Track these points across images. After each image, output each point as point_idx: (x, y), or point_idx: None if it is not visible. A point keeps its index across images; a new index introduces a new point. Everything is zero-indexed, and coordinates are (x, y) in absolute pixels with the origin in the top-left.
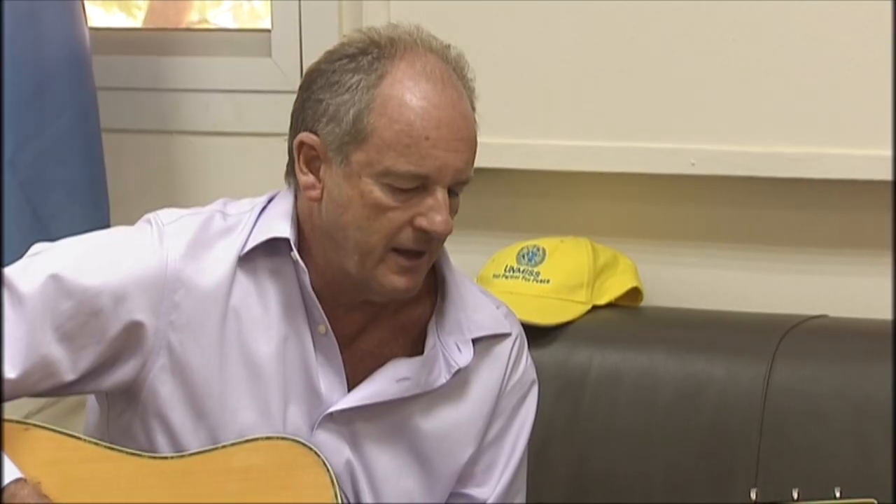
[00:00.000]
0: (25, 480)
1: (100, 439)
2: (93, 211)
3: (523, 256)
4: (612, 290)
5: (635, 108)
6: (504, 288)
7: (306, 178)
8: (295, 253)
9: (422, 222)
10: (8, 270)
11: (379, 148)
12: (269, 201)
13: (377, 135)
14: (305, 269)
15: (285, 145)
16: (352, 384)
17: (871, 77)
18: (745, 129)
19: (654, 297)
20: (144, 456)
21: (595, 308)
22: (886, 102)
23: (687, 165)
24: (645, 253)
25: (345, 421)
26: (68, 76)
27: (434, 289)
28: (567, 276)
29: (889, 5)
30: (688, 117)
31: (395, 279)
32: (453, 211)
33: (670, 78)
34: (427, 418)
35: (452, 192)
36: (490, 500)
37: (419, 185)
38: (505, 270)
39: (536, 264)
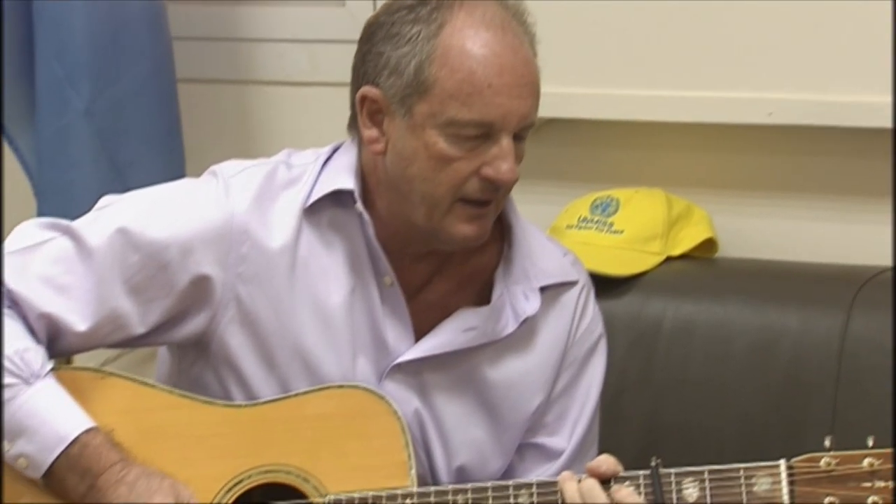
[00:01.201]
0: (98, 429)
1: (173, 388)
2: (168, 160)
3: (597, 207)
4: (686, 240)
5: (712, 57)
6: (577, 239)
7: (370, 132)
8: (360, 205)
9: (488, 172)
10: (77, 223)
11: (441, 99)
12: (334, 152)
13: (439, 85)
14: (370, 222)
15: None
16: (419, 335)
17: None
18: (823, 79)
19: (729, 248)
20: (218, 404)
21: (669, 259)
22: None
23: (764, 115)
24: (720, 203)
25: (412, 371)
26: (144, 25)
27: (500, 237)
28: (641, 227)
29: None
30: (765, 66)
31: (463, 228)
32: (519, 158)
33: (748, 26)
34: (494, 367)
35: (518, 139)
36: (566, 451)
37: (483, 134)
38: (578, 221)
39: (610, 215)
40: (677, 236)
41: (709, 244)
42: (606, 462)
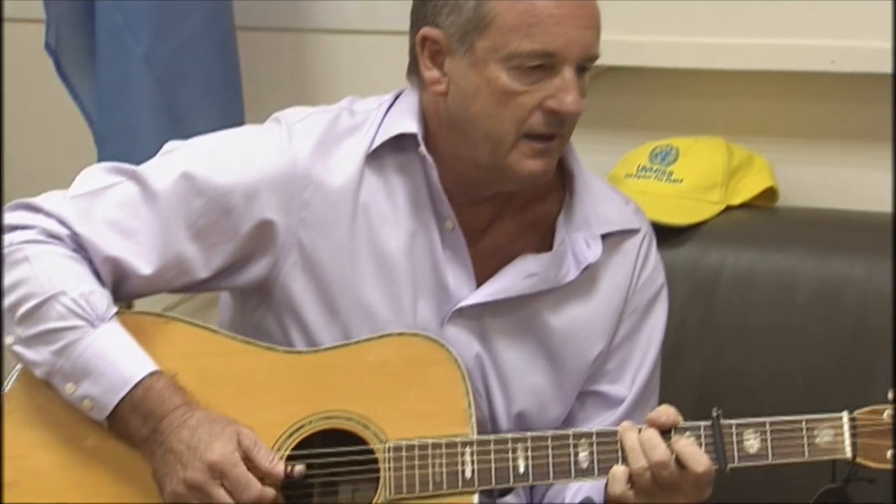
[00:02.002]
0: (162, 373)
1: (235, 333)
2: (227, 108)
3: (656, 156)
4: (746, 189)
5: (774, 4)
6: (636, 188)
7: (431, 73)
8: (423, 148)
9: (552, 104)
10: (142, 168)
11: (503, 32)
12: (396, 98)
13: (499, 19)
14: (433, 164)
15: None
16: (480, 280)
17: None
18: (885, 26)
19: (790, 197)
20: (279, 350)
21: (729, 208)
22: None
23: (826, 63)
24: (781, 152)
25: (474, 316)
26: None
27: (562, 184)
28: (701, 176)
29: None
30: (828, 13)
31: (529, 164)
32: (582, 92)
33: None
34: (556, 314)
35: (580, 72)
36: (627, 399)
37: (546, 66)
38: (637, 170)
39: (669, 164)
40: (737, 185)
41: (769, 193)
42: (666, 412)
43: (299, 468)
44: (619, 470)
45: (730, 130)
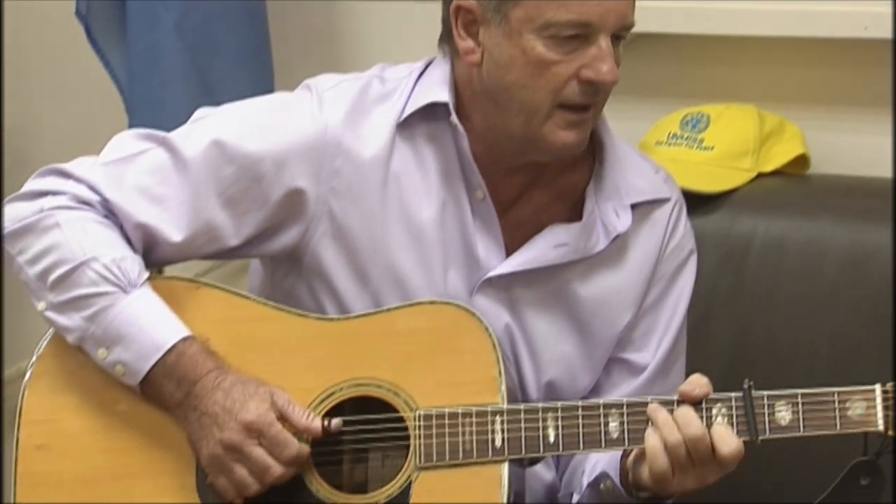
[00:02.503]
0: (194, 338)
1: (266, 300)
2: (257, 75)
3: (687, 123)
4: (778, 157)
5: None
6: (667, 155)
7: (465, 43)
8: (454, 117)
9: (588, 73)
10: (173, 135)
11: (537, 1)
12: (427, 66)
13: None
14: (464, 134)
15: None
16: (510, 250)
17: None
18: None
19: (822, 165)
20: (310, 317)
21: (760, 175)
22: None
23: (860, 29)
24: (813, 119)
25: (503, 286)
26: None
27: (592, 154)
28: (732, 143)
29: None
30: None
31: (563, 135)
32: (617, 61)
33: None
34: (585, 284)
35: (616, 41)
36: (650, 366)
37: (582, 35)
38: (668, 137)
39: (700, 131)
40: (769, 152)
41: (801, 160)
42: (699, 384)
43: (336, 422)
44: (655, 442)
45: (761, 97)
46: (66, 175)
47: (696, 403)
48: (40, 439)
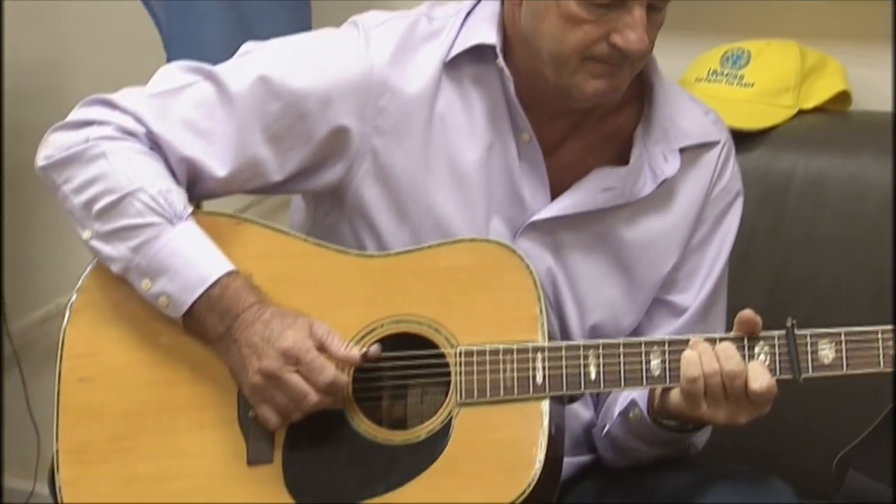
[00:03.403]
0: (238, 272)
1: (307, 236)
2: (295, 14)
3: (727, 59)
4: (819, 93)
5: None
6: (706, 92)
7: None
8: (500, 60)
9: (616, 39)
10: (219, 69)
11: None
12: (476, 5)
13: None
14: (510, 77)
15: None
16: (555, 193)
17: None
18: None
19: (864, 101)
20: (351, 253)
21: (801, 112)
22: None
23: None
24: (854, 55)
25: (548, 230)
26: None
27: (640, 96)
28: (772, 80)
29: None
30: None
31: (593, 83)
32: (657, 26)
33: None
34: (631, 228)
35: (652, 10)
36: (691, 308)
37: (616, 1)
38: (708, 74)
39: (741, 67)
40: (810, 89)
41: (843, 97)
42: (753, 319)
43: (374, 349)
44: (692, 356)
45: (803, 33)
46: (112, 105)
47: (739, 339)
48: (83, 372)
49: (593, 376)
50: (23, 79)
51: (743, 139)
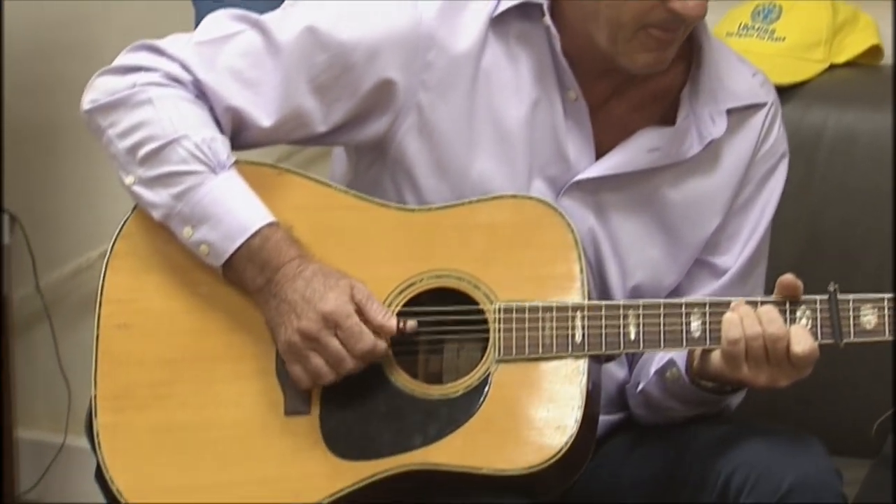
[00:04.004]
0: (279, 224)
1: (348, 188)
2: None
3: (758, 14)
4: (851, 47)
5: None
6: (737, 47)
7: None
8: (548, 18)
9: (675, 5)
10: (267, 17)
11: None
12: None
13: None
14: (557, 35)
15: None
16: (600, 152)
17: None
18: None
19: None
20: (392, 207)
21: (833, 67)
22: None
23: None
24: (887, 9)
25: (591, 189)
26: None
27: (688, 55)
28: (804, 34)
29: None
30: None
31: (644, 56)
32: None
33: None
34: (675, 189)
35: None
36: (732, 269)
37: None
38: (739, 28)
39: (772, 22)
40: (842, 43)
41: (875, 51)
42: (794, 283)
43: (411, 323)
44: (734, 320)
45: None
46: (159, 52)
47: (780, 303)
48: (122, 318)
49: (633, 336)
50: (54, 32)
51: None
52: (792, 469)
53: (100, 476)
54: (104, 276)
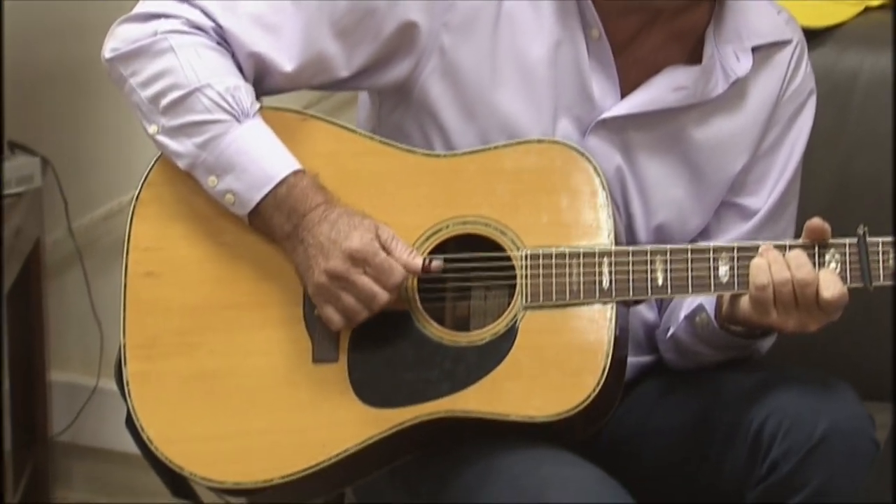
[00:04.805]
0: (304, 171)
1: (373, 134)
2: None
3: None
4: None
5: None
6: None
7: None
8: None
9: None
10: None
11: None
12: None
13: None
14: None
15: None
16: (625, 91)
17: None
18: None
19: None
20: (417, 152)
21: (868, 9)
22: None
23: None
24: None
25: (617, 128)
26: None
27: None
28: None
29: None
30: None
31: None
32: None
33: None
34: (701, 128)
35: None
36: (762, 211)
37: None
38: None
39: None
40: None
41: None
42: (822, 227)
43: (437, 263)
44: (762, 266)
45: None
46: None
47: (809, 247)
48: (149, 266)
49: (660, 282)
50: None
51: (808, 37)
52: (825, 415)
53: (130, 423)
54: (130, 225)
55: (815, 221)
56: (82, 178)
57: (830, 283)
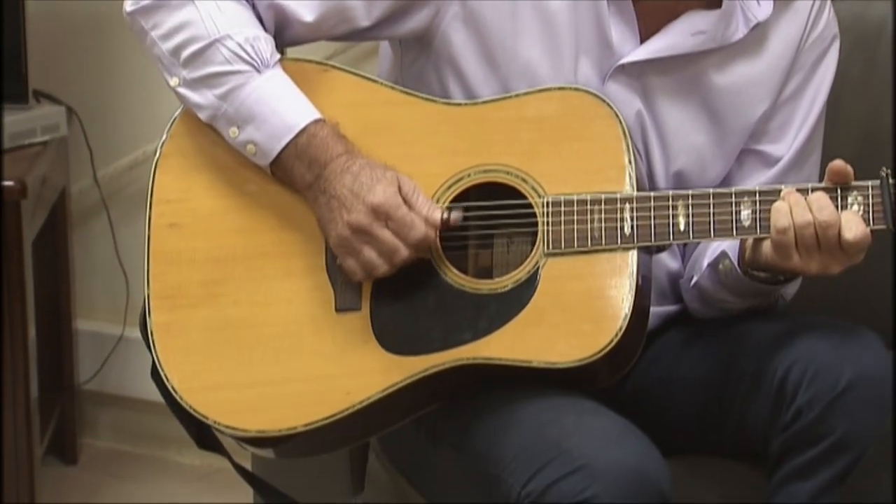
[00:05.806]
0: (325, 121)
1: (395, 84)
2: None
3: None
4: None
5: None
6: None
7: None
8: None
9: None
10: None
11: None
12: None
13: None
14: None
15: None
16: (644, 36)
17: None
18: None
19: None
20: (439, 102)
21: None
22: None
23: None
24: None
25: (636, 73)
26: None
27: None
28: None
29: None
30: None
31: None
32: None
33: None
34: (721, 73)
35: None
36: (785, 157)
37: None
38: None
39: None
40: None
41: None
42: (844, 169)
43: (455, 215)
44: (783, 209)
45: None
46: None
47: (831, 190)
48: (172, 218)
49: (682, 227)
50: None
51: None
52: (850, 363)
53: (155, 373)
54: (153, 177)
55: (838, 163)
56: (107, 127)
57: (853, 224)
